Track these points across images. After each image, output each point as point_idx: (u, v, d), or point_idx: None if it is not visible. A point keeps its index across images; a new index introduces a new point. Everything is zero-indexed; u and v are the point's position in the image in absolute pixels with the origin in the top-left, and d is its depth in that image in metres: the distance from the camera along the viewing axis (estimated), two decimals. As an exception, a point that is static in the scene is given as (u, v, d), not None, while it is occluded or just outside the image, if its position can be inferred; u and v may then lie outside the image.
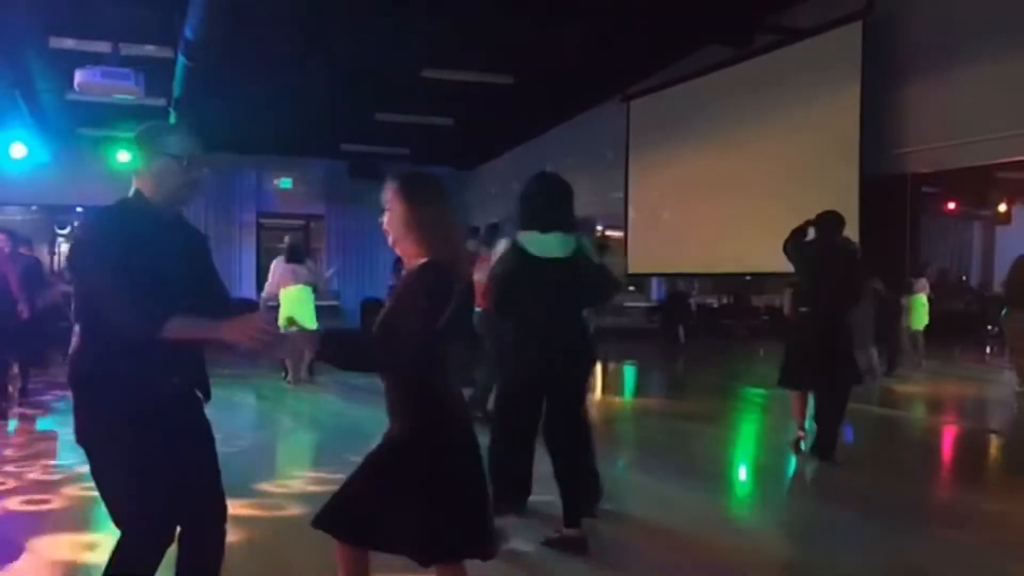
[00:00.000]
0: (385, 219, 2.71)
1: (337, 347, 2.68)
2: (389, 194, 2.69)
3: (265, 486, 5.27)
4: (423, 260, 2.62)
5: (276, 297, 9.81)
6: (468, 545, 2.65)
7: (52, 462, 5.94)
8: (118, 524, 2.56)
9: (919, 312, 11.31)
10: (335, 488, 2.74)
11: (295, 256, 10.02)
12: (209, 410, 2.74)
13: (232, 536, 4.21)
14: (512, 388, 4.41)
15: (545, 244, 4.11)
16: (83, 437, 2.56)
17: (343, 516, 2.67)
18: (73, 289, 2.67)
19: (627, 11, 8.89)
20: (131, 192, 2.63)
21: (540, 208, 4.17)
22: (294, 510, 4.80)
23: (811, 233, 6.35)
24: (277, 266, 10.03)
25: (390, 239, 2.72)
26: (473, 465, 2.68)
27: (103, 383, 2.51)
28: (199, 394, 2.70)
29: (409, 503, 2.57)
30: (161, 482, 2.53)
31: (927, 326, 11.51)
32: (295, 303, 9.56)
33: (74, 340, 2.66)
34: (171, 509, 2.57)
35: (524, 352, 4.22)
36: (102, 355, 2.51)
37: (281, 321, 10.21)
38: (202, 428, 2.71)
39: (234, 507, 4.67)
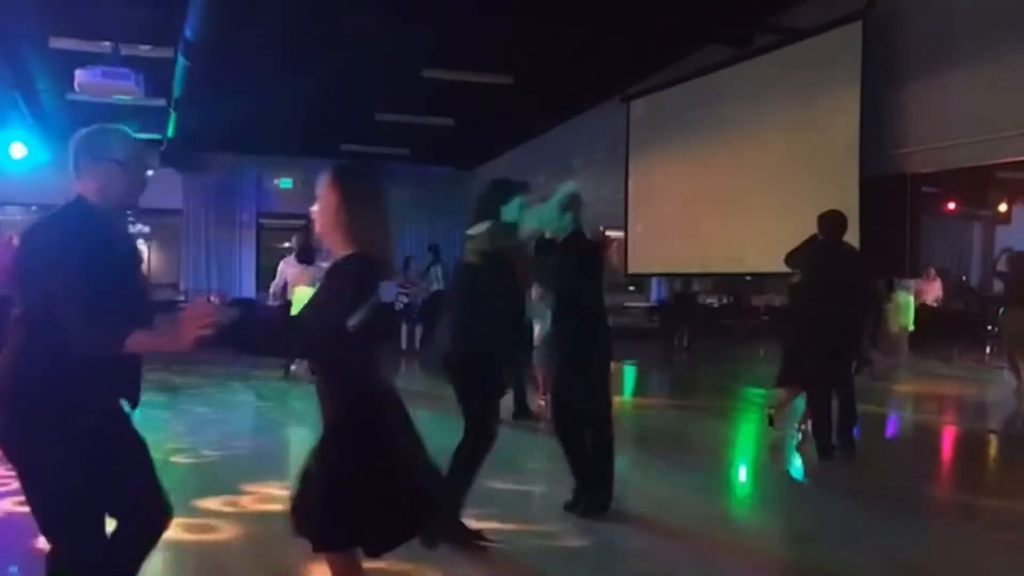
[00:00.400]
0: (315, 208, 2.70)
1: (239, 329, 2.62)
2: (323, 184, 2.69)
3: (265, 485, 5.26)
4: (347, 253, 2.62)
5: (282, 295, 9.89)
6: (357, 537, 2.60)
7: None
8: (47, 536, 2.52)
9: (904, 312, 11.33)
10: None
11: (306, 257, 10.04)
12: (211, 410, 2.73)
13: (230, 536, 4.20)
14: None
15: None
16: (11, 449, 2.47)
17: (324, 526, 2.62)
18: (21, 294, 2.50)
19: (627, 11, 8.89)
20: (74, 197, 2.58)
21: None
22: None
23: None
24: (287, 266, 10.08)
25: (317, 228, 2.71)
26: (391, 459, 2.62)
27: (43, 394, 2.41)
28: (127, 403, 2.63)
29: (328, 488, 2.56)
30: (91, 494, 2.49)
31: (912, 325, 11.50)
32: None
33: (8, 348, 2.49)
34: (101, 520, 2.55)
35: None
36: (46, 366, 2.41)
37: None
38: (131, 435, 2.64)
39: (233, 506, 4.72)
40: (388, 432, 2.63)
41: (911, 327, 11.44)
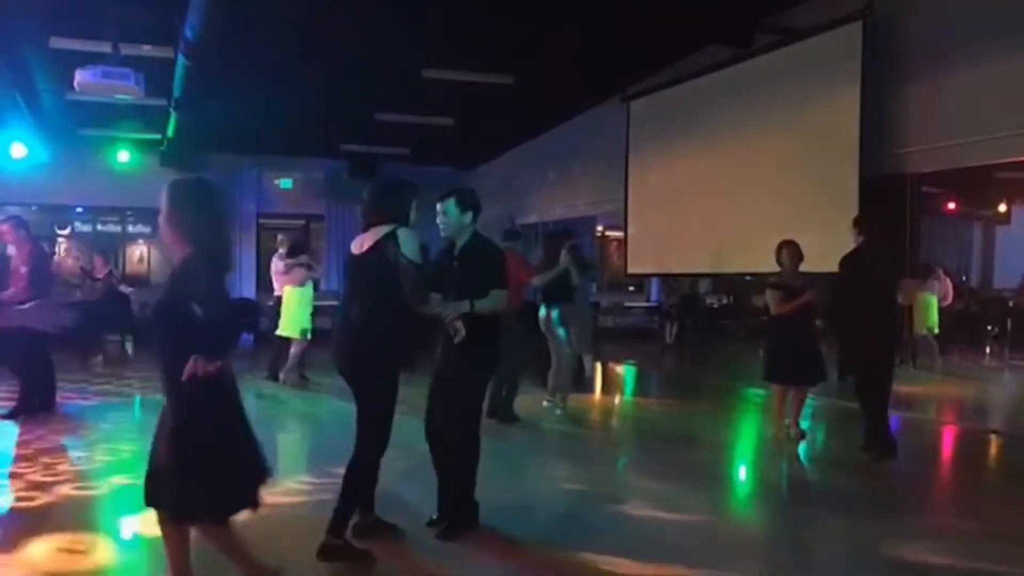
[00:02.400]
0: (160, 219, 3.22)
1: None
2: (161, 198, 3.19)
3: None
4: (187, 252, 3.10)
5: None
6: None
7: None
8: None
9: (928, 314, 11.29)
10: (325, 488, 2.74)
11: (293, 253, 10.13)
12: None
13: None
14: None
15: (357, 241, 4.20)
16: None
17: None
18: None
19: (627, 11, 8.88)
20: None
21: (361, 210, 4.24)
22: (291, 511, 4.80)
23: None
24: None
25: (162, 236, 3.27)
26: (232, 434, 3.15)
27: None
28: None
29: None
30: None
31: (936, 327, 11.48)
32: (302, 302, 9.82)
33: None
34: None
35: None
36: None
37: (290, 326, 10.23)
38: None
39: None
40: (232, 409, 3.10)
41: (936, 329, 11.41)
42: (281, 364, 10.05)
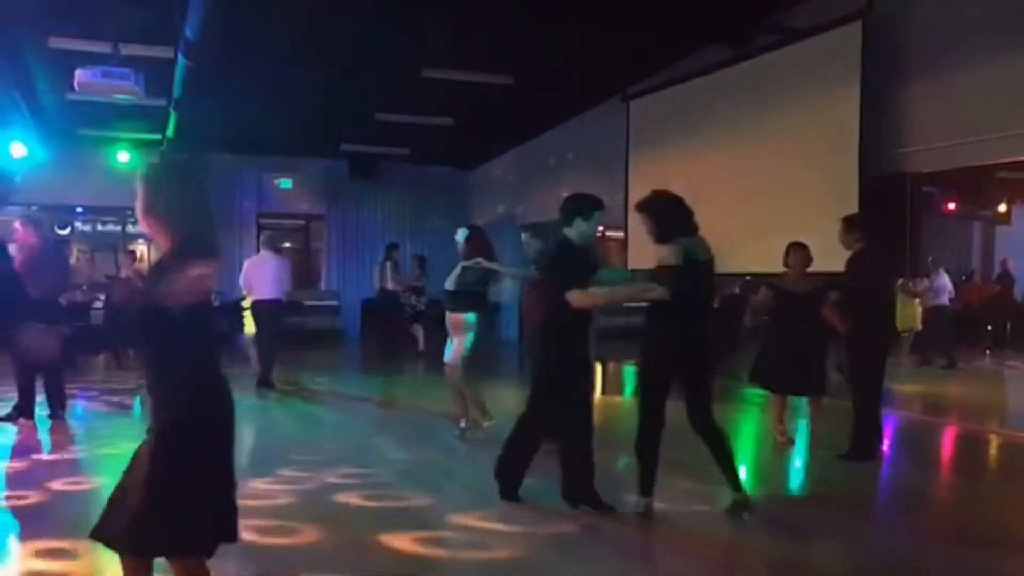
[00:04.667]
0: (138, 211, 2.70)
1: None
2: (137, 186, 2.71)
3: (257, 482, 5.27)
4: (172, 247, 2.61)
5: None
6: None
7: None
8: None
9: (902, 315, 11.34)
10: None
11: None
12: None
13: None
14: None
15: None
16: None
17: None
18: None
19: (627, 11, 8.89)
20: None
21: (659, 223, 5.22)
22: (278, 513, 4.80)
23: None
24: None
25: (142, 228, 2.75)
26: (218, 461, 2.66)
27: None
28: None
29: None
30: None
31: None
32: None
33: None
34: None
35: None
36: None
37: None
38: None
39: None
40: (221, 432, 2.62)
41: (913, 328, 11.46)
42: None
